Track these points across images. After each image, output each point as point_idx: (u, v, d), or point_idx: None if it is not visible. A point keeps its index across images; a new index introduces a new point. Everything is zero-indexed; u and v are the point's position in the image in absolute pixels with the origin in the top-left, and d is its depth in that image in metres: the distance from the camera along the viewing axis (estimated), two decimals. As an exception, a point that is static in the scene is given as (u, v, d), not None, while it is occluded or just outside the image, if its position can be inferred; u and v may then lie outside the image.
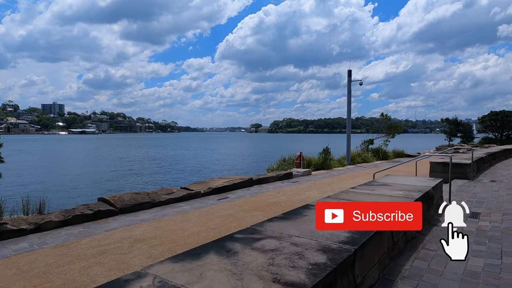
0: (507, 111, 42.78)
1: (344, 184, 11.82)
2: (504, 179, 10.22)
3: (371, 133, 24.07)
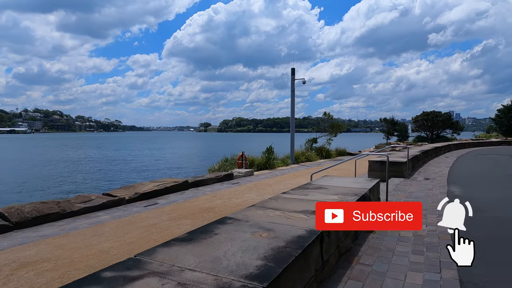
0: (437, 111, 46.37)
1: (285, 184, 11.39)
2: (437, 176, 10.47)
3: (314, 132, 24.28)
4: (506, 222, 5.26)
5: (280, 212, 3.62)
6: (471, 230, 3.25)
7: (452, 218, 3.12)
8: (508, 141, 36.97)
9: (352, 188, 5.21)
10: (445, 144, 23.13)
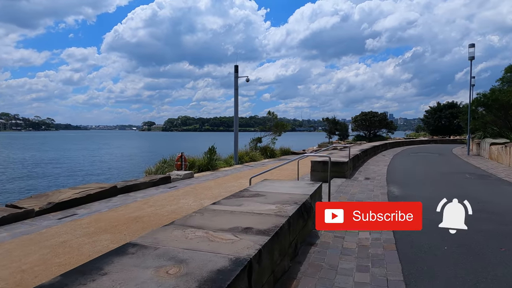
0: (374, 112, 49.04)
1: (227, 187, 10.71)
2: (376, 176, 10.53)
3: (259, 131, 23.95)
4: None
5: (202, 232, 2.91)
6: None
7: (452, 218, 3.16)
8: (435, 140, 40.19)
9: (292, 195, 4.69)
10: (382, 143, 24.19)
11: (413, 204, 2.94)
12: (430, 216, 3.48)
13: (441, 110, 51.97)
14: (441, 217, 3.57)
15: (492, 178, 9.93)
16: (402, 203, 2.98)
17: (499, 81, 28.26)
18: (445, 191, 7.87)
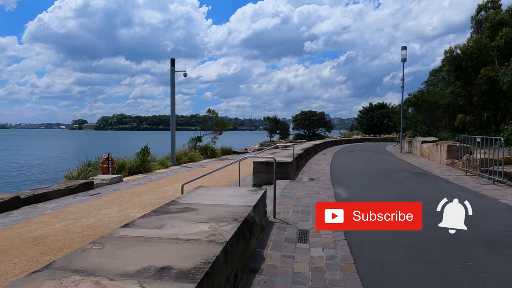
0: (313, 111, 50.41)
1: (160, 192, 9.50)
2: (321, 176, 10.13)
3: (199, 130, 22.74)
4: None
5: (91, 283, 1.89)
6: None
7: (453, 218, 3.18)
8: (368, 138, 42.43)
9: (231, 207, 3.80)
10: (322, 142, 24.51)
11: (413, 204, 2.95)
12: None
13: (373, 110, 55.23)
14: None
15: (430, 176, 10.10)
16: (402, 203, 2.95)
17: (425, 84, 30.46)
18: (392, 192, 7.61)
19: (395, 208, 2.91)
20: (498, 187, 7.97)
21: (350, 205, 2.98)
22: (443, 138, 16.16)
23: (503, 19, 16.04)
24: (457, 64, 16.00)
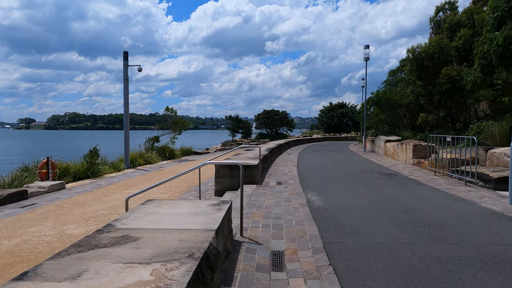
0: (275, 110, 50.13)
1: (107, 201, 8.24)
2: (288, 179, 9.40)
3: (156, 130, 21.24)
4: (386, 249, 3.94)
5: None
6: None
7: None
8: (329, 137, 42.90)
9: (187, 232, 2.85)
10: (286, 141, 24.00)
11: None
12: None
13: (333, 110, 56.11)
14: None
15: (400, 176, 9.74)
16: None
17: (384, 83, 31.12)
18: (368, 197, 7.01)
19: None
20: (471, 189, 7.68)
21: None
22: (405, 137, 16.19)
23: (461, 20, 16.39)
24: (419, 63, 16.08)
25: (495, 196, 6.88)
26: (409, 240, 4.20)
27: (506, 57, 9.31)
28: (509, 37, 9.05)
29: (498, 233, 4.48)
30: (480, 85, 11.43)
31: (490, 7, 10.33)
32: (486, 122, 11.30)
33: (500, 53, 9.35)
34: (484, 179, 7.83)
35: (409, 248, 3.94)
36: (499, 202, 6.28)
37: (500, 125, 10.10)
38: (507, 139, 9.73)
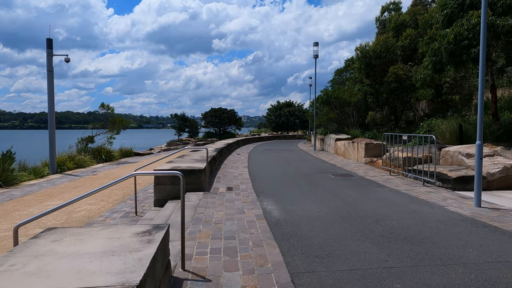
0: (223, 108, 48.96)
1: (16, 217, 6.58)
2: (240, 183, 8.43)
3: (90, 129, 18.99)
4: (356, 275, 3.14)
5: None
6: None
7: None
8: (278, 136, 42.88)
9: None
10: (235, 140, 23.05)
11: None
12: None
13: (281, 108, 56.41)
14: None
15: (356, 177, 9.27)
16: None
17: (330, 83, 31.59)
18: (330, 203, 6.29)
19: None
20: (430, 189, 7.36)
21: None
22: (355, 135, 16.12)
23: (405, 20, 16.75)
24: (367, 62, 16.09)
25: (457, 197, 6.57)
26: (391, 263, 3.45)
27: (456, 54, 9.28)
28: (459, 34, 9.00)
29: (483, 245, 3.93)
30: (429, 83, 11.50)
31: (439, 4, 10.32)
32: (436, 120, 11.39)
33: (451, 50, 9.29)
34: (442, 179, 7.58)
35: (395, 275, 3.18)
36: (464, 205, 5.92)
37: (449, 123, 10.14)
38: (457, 137, 9.75)
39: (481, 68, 5.78)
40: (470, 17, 8.96)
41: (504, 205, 5.89)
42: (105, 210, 7.54)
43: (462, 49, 9.08)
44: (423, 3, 19.81)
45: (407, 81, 14.36)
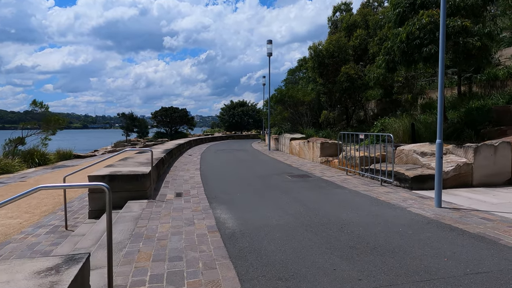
0: (175, 107, 47.19)
1: None
2: (191, 188, 7.66)
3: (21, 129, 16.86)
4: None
5: None
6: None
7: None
8: (232, 136, 42.26)
9: None
10: (186, 141, 22.00)
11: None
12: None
13: (234, 108, 55.79)
14: None
15: (313, 178, 8.93)
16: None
17: (283, 82, 31.60)
18: (288, 208, 5.78)
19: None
20: (389, 189, 7.19)
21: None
22: (309, 134, 15.99)
23: (356, 21, 16.99)
24: (320, 61, 16.04)
25: (416, 197, 6.41)
26: (366, 282, 2.98)
27: (408, 54, 9.33)
28: (411, 33, 9.04)
29: (456, 253, 3.63)
30: (382, 82, 11.60)
31: (391, 3, 10.37)
32: (389, 119, 11.50)
33: (403, 49, 9.32)
34: (399, 178, 7.45)
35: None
36: (425, 206, 5.73)
37: (401, 122, 10.23)
38: (409, 136, 9.84)
39: (441, 66, 5.63)
40: (421, 16, 9.03)
41: (462, 204, 5.80)
42: (28, 225, 6.39)
43: (414, 48, 9.13)
44: (370, 6, 20.36)
45: (359, 80, 14.49)
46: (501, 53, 13.96)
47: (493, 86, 13.07)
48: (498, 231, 4.33)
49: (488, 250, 3.68)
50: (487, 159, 7.38)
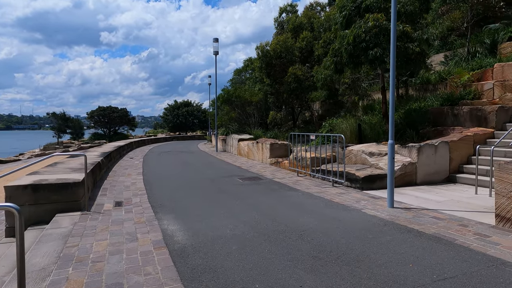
0: (113, 107, 44.33)
1: None
2: (132, 195, 6.92)
3: None
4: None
5: None
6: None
7: None
8: (176, 137, 40.84)
9: None
10: (127, 142, 20.55)
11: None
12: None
13: (178, 108, 54.10)
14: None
15: (265, 180, 8.66)
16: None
17: (230, 82, 31.21)
18: (243, 215, 5.39)
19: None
20: (341, 190, 7.16)
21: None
22: (257, 135, 15.79)
23: (302, 23, 17.20)
24: (268, 61, 15.94)
25: (368, 197, 6.42)
26: (337, 299, 2.70)
27: (355, 56, 9.50)
28: (358, 36, 9.20)
29: (419, 257, 3.53)
30: (329, 83, 11.75)
31: (337, 6, 10.51)
32: (336, 119, 11.69)
33: (350, 51, 9.46)
34: (350, 179, 7.47)
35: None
36: (378, 206, 5.73)
37: (348, 123, 10.42)
38: (356, 136, 10.03)
39: (392, 68, 5.66)
40: (367, 20, 9.24)
41: (411, 203, 5.91)
42: None
43: (361, 51, 9.31)
44: (314, 10, 20.85)
45: (306, 81, 14.62)
46: (432, 59, 15.05)
47: (427, 89, 14.01)
48: (451, 230, 4.38)
49: (447, 252, 3.65)
50: (429, 158, 7.71)
